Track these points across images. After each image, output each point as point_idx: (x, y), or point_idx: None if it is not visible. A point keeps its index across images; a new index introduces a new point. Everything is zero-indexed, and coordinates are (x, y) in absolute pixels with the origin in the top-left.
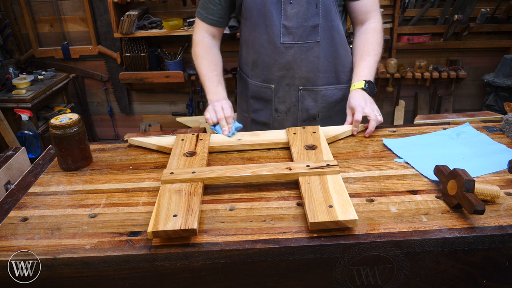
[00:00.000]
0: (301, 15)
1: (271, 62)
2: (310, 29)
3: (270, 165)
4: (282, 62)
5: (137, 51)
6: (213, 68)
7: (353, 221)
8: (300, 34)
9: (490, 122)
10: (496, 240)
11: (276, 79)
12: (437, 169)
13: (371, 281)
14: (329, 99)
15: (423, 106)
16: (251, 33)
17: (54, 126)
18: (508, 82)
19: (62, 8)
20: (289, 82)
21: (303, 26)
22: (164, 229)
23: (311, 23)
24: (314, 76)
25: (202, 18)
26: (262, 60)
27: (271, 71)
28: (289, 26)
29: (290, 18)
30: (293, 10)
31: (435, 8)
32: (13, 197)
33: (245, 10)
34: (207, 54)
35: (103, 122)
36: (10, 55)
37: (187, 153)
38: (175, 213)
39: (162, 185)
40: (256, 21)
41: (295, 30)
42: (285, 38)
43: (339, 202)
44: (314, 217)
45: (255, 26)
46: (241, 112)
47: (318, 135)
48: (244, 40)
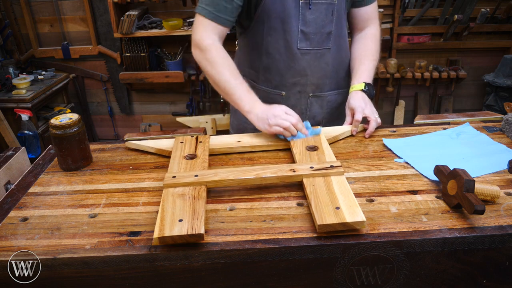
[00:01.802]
0: (320, 21)
1: (285, 68)
2: (326, 35)
3: (273, 167)
4: (297, 68)
5: (137, 51)
6: (237, 76)
7: (361, 222)
8: (317, 40)
9: (490, 122)
10: (496, 240)
11: (288, 85)
12: (437, 169)
13: (371, 281)
14: (333, 104)
15: (423, 106)
16: (266, 37)
17: (54, 126)
18: (508, 82)
19: (62, 8)
20: (301, 89)
21: (320, 33)
22: (171, 234)
23: (327, 29)
24: (323, 83)
25: (212, 16)
26: (275, 65)
27: (284, 77)
28: (307, 32)
29: (309, 23)
30: (312, 16)
31: (435, 8)
32: (13, 197)
33: (263, 13)
34: (226, 61)
35: (103, 122)
36: (10, 55)
37: (188, 155)
38: (181, 218)
39: (164, 189)
40: (274, 25)
41: (312, 36)
42: (302, 44)
43: (345, 203)
44: (322, 219)
45: (271, 31)
46: (240, 122)
47: (319, 136)
48: (254, 44)
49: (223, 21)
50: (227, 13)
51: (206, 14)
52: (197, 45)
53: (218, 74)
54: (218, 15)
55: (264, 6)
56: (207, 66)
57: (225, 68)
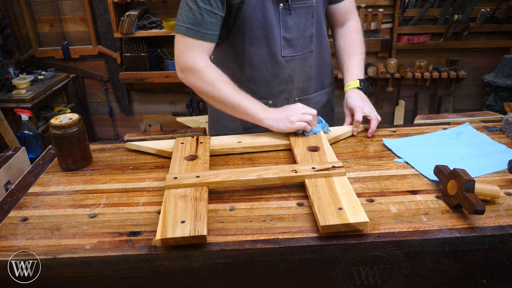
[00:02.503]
0: (301, 26)
1: (270, 77)
2: (308, 39)
3: (275, 167)
4: (282, 76)
5: (137, 51)
6: (238, 89)
7: (364, 223)
8: (300, 45)
9: (490, 122)
10: (496, 240)
11: (275, 93)
12: (437, 169)
13: (371, 281)
14: (318, 105)
15: (423, 106)
16: (248, 47)
17: (54, 126)
18: (508, 82)
19: (62, 8)
20: (288, 95)
21: (302, 37)
22: (173, 236)
23: (309, 33)
24: (308, 86)
25: (199, 36)
26: (260, 75)
27: (269, 86)
28: (290, 38)
29: (291, 29)
30: (293, 21)
31: (435, 8)
32: (13, 197)
33: (244, 23)
34: (223, 77)
35: (103, 122)
36: (10, 55)
37: (188, 156)
38: (183, 219)
39: (166, 191)
40: (256, 34)
41: (295, 41)
42: (286, 51)
43: (348, 204)
44: (324, 220)
45: (254, 40)
46: (227, 132)
47: (320, 136)
48: (235, 55)
49: (211, 37)
50: (213, 27)
51: (192, 34)
52: (189, 69)
53: (220, 92)
54: (205, 33)
55: (245, 15)
56: (206, 87)
57: (226, 84)
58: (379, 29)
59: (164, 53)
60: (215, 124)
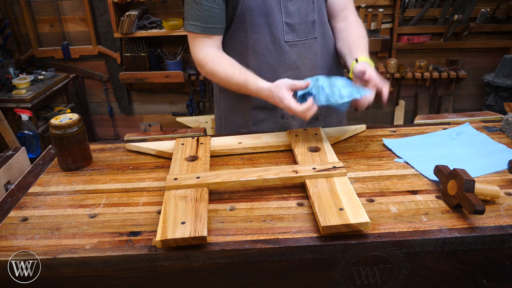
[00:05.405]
0: (303, 11)
1: (276, 63)
2: (310, 25)
3: (275, 168)
4: (288, 62)
5: (137, 51)
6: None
7: (365, 224)
8: (303, 30)
9: (490, 122)
10: (496, 240)
11: None
12: (437, 169)
13: (371, 281)
14: None
15: (423, 106)
16: (251, 35)
17: (54, 126)
18: (508, 82)
19: (62, 8)
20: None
21: (304, 22)
22: (173, 237)
23: (311, 18)
24: (316, 74)
25: (200, 30)
26: (266, 63)
27: (276, 73)
28: (292, 23)
29: (292, 14)
30: (294, 7)
31: (435, 8)
32: (13, 197)
33: (244, 11)
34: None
35: (103, 122)
36: (10, 55)
37: (189, 157)
38: (183, 220)
39: (166, 191)
40: (257, 22)
41: (298, 26)
42: (288, 36)
43: (349, 204)
44: (325, 220)
45: (256, 28)
46: (236, 130)
47: (320, 137)
48: (237, 45)
49: (214, 30)
50: (216, 21)
51: (196, 29)
52: (196, 63)
53: (225, 76)
54: (207, 27)
55: (245, 3)
56: (212, 77)
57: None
58: (379, 29)
59: (164, 53)
60: (224, 124)
